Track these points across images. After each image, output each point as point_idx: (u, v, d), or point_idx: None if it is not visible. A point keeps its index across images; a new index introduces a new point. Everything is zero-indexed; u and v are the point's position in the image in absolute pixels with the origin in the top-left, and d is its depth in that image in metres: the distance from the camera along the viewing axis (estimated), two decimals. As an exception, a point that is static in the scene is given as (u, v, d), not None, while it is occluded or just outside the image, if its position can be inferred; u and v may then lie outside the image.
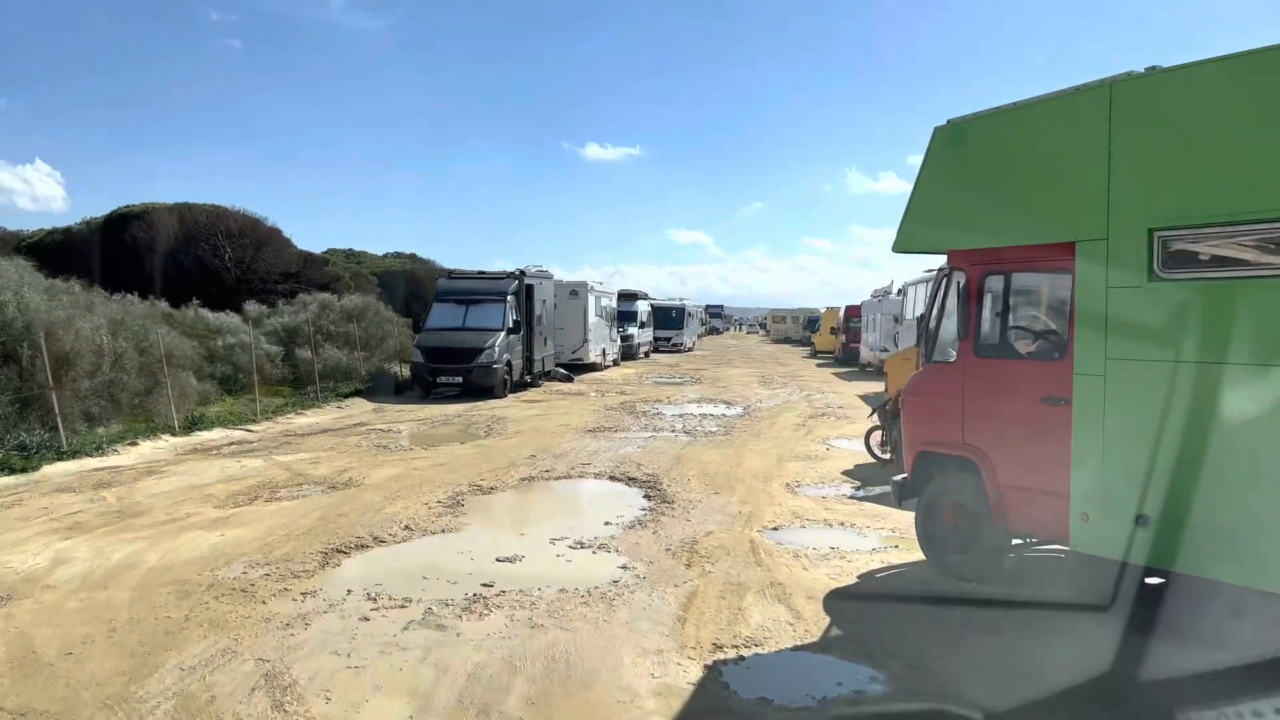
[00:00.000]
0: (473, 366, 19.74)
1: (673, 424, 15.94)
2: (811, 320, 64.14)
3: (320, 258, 38.67)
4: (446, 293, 21.67)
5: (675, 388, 24.45)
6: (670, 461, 11.68)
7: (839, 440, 14.09)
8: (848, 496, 9.58)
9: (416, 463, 11.48)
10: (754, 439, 14.06)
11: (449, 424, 15.92)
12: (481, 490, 9.77)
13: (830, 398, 21.70)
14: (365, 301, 26.40)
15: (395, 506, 8.82)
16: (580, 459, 11.88)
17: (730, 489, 9.85)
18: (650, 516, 8.54)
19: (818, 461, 11.85)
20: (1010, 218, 6.16)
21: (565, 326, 27.48)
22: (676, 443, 13.50)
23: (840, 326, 39.25)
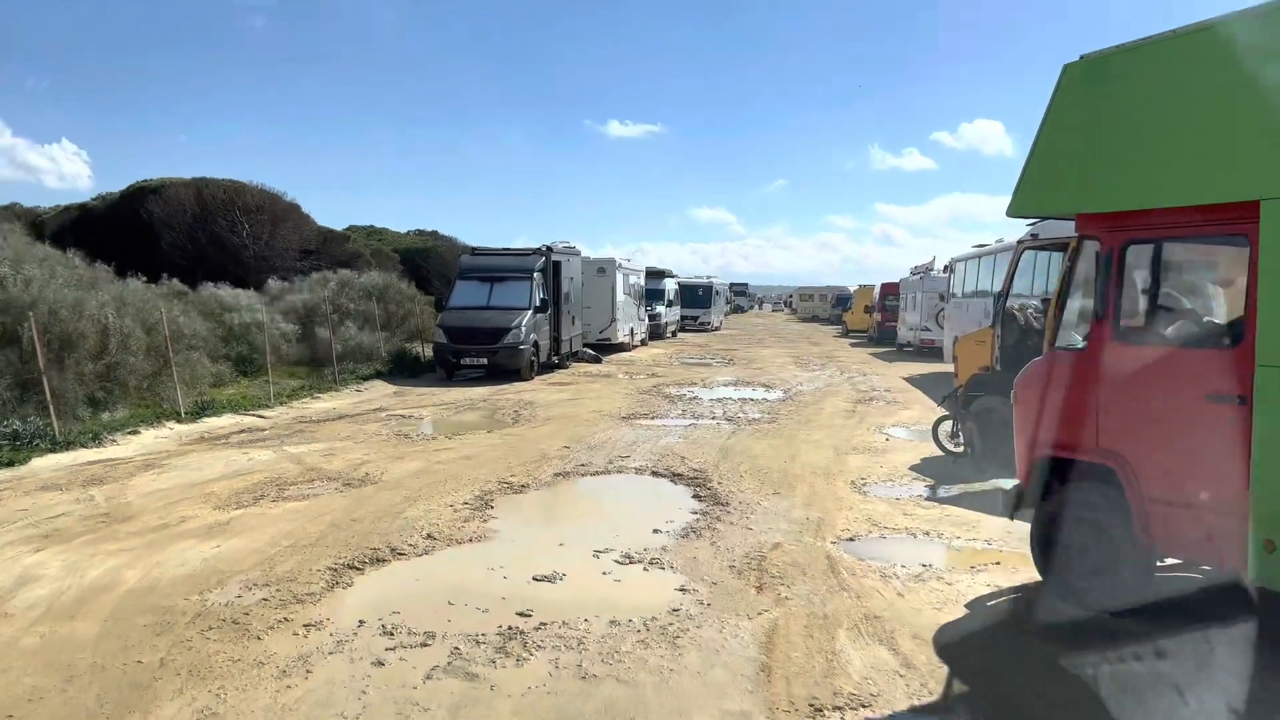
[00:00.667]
0: (498, 347, 18.73)
1: (712, 410, 14.87)
2: (841, 298, 62.78)
3: (340, 234, 37.78)
4: (470, 270, 20.65)
5: (708, 369, 23.36)
6: (716, 454, 10.62)
7: (895, 429, 12.96)
8: (924, 498, 8.48)
9: (440, 455, 10.48)
10: (803, 427, 12.97)
11: (474, 409, 14.93)
12: (512, 488, 8.75)
13: (874, 380, 20.53)
14: (386, 279, 25.44)
15: (416, 509, 7.82)
16: (618, 451, 10.84)
17: (790, 488, 8.78)
18: (704, 522, 7.49)
19: (880, 455, 10.74)
20: (1165, 172, 5.01)
21: (592, 305, 26.44)
22: (719, 432, 12.43)
23: (875, 305, 37.93)
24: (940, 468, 9.91)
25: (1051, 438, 5.66)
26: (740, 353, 29.76)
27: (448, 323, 19.27)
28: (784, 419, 13.86)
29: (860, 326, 43.00)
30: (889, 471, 9.70)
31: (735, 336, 41.40)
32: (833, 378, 21.20)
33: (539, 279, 20.19)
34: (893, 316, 34.80)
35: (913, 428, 13.13)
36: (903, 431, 12.76)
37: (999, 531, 7.21)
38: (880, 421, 13.65)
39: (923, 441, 11.70)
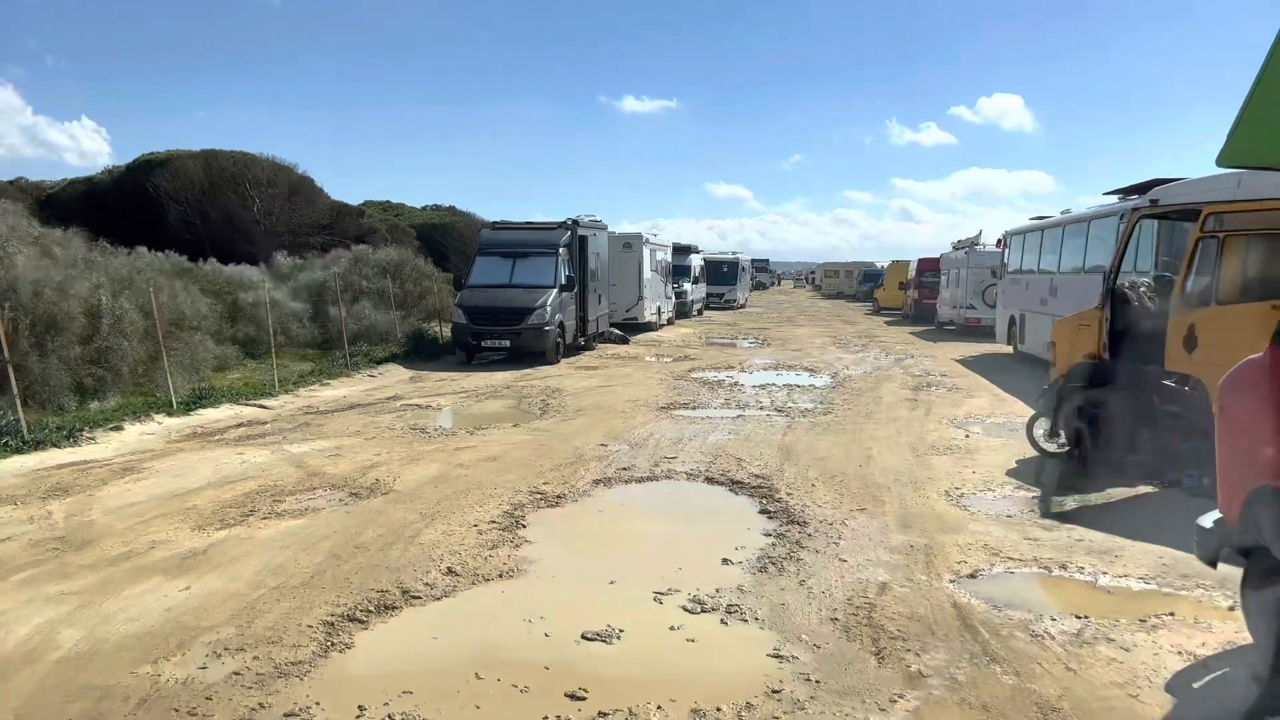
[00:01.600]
0: (522, 329, 17.40)
1: (758, 399, 13.49)
2: (869, 274, 61.06)
3: (355, 209, 36.51)
4: (491, 245, 19.28)
5: (744, 351, 21.95)
6: (777, 454, 9.26)
7: (969, 422, 11.54)
8: (1040, 515, 7.08)
9: (461, 455, 9.17)
10: (866, 420, 11.57)
11: (497, 397, 13.61)
12: (546, 500, 7.42)
13: (925, 363, 19.07)
14: (402, 255, 24.15)
15: (433, 531, 6.50)
16: (662, 449, 9.50)
17: (875, 501, 7.41)
18: (782, 549, 6.14)
19: (966, 456, 9.34)
20: None
21: (618, 283, 25.05)
22: (773, 426, 11.06)
23: (912, 281, 36.32)
24: (1041, 471, 8.50)
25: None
26: (773, 332, 28.32)
27: (467, 302, 17.93)
28: (841, 410, 12.46)
29: (894, 304, 41.42)
30: (984, 478, 8.30)
31: (763, 315, 39.92)
32: (879, 360, 19.75)
33: (564, 255, 18.81)
34: (931, 294, 33.22)
35: (988, 420, 11.71)
36: (978, 425, 11.34)
37: (1151, 564, 5.82)
38: (950, 413, 12.23)
39: (1009, 438, 10.30)
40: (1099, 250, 14.41)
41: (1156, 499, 7.56)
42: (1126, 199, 14.09)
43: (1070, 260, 15.89)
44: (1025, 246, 19.32)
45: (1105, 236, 14.12)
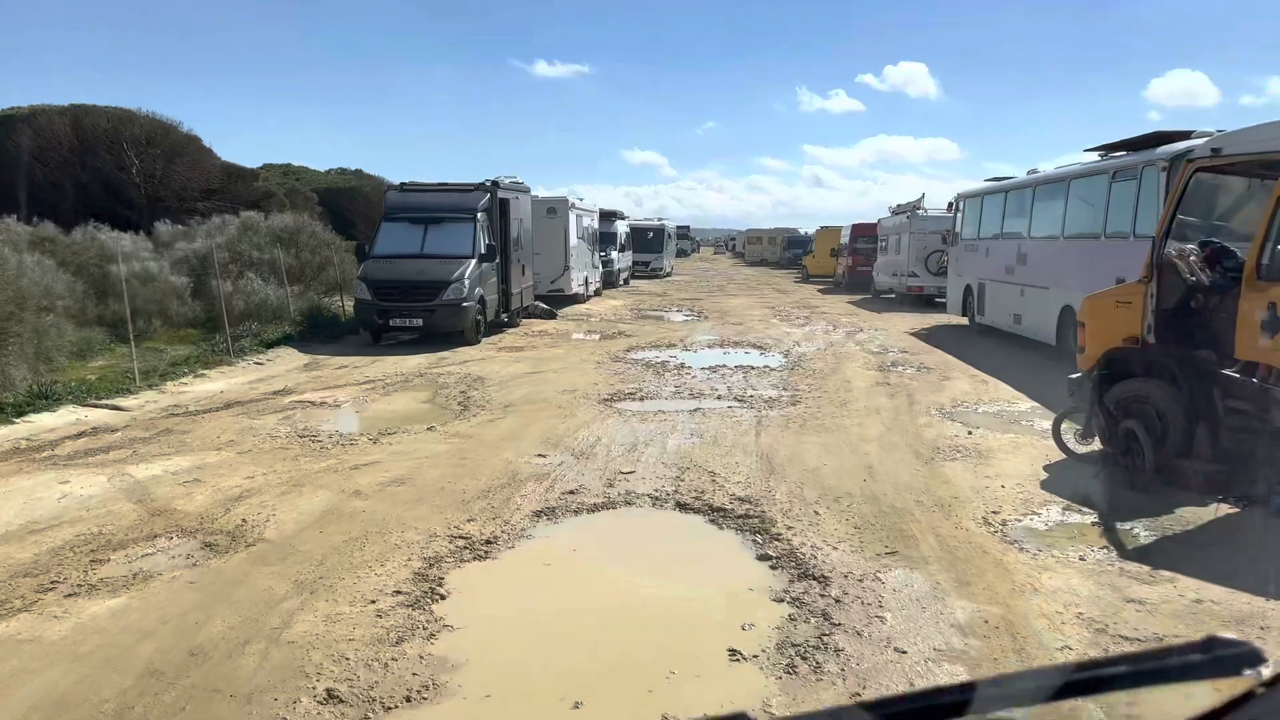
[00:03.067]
0: (436, 305, 15.27)
1: (712, 385, 11.74)
2: (793, 241, 59.99)
3: (248, 171, 33.40)
4: (398, 210, 17.00)
5: (682, 326, 20.20)
6: (757, 465, 7.52)
7: (963, 411, 10.01)
8: (1119, 555, 5.48)
9: (360, 477, 7.17)
10: (843, 412, 9.93)
11: (408, 389, 11.56)
12: (472, 548, 5.53)
13: (879, 337, 17.62)
14: (299, 221, 21.62)
15: (312, 614, 4.55)
16: (616, 460, 7.67)
17: (903, 537, 5.71)
18: (807, 625, 4.40)
19: (980, 461, 7.74)
20: None
21: (543, 251, 22.99)
22: (739, 423, 9.33)
23: (845, 248, 35.06)
24: (1082, 482, 6.95)
25: None
26: (707, 304, 26.64)
27: (372, 275, 15.69)
28: (809, 397, 10.81)
29: (824, 271, 40.21)
30: (1019, 495, 6.70)
31: (692, 284, 38.27)
32: (829, 334, 18.23)
33: (483, 221, 16.69)
34: (867, 261, 31.99)
35: (980, 409, 10.20)
36: (973, 416, 9.82)
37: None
38: (934, 400, 10.69)
39: (1016, 433, 8.79)
40: (1082, 213, 13.03)
41: (1243, 524, 6.06)
42: (1110, 157, 12.71)
43: (1044, 225, 14.51)
44: (984, 210, 17.95)
45: (1090, 198, 12.73)
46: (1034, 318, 14.50)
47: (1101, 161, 12.72)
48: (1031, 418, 9.70)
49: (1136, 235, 10.99)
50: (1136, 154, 11.40)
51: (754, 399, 10.71)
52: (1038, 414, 9.90)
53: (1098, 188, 12.40)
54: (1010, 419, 9.65)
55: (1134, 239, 11.05)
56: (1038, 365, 13.09)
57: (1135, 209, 11.06)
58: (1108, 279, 11.66)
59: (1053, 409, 10.09)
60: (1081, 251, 12.72)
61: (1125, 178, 11.52)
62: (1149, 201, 10.76)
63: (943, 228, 24.72)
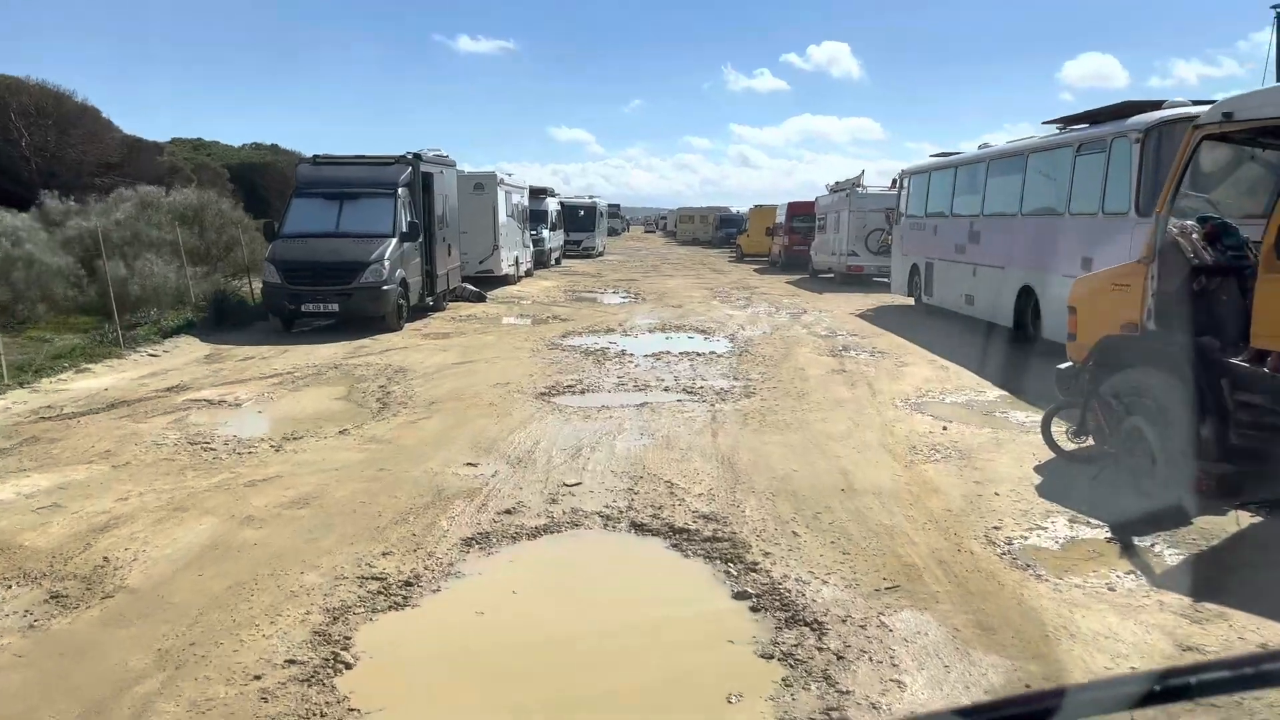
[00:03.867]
0: (354, 288, 14.02)
1: (657, 374, 10.83)
2: (725, 220, 59.38)
3: (151, 145, 31.25)
4: (311, 184, 15.62)
5: (619, 308, 19.23)
6: (719, 471, 6.63)
7: (926, 400, 9.28)
8: (1152, 584, 4.72)
9: (255, 497, 6.07)
10: (803, 405, 9.12)
11: (320, 383, 10.38)
12: (387, 593, 4.52)
13: (824, 319, 16.92)
14: (204, 198, 19.97)
15: (172, 703, 3.49)
16: (558, 469, 6.70)
17: (904, 567, 4.86)
18: (806, 694, 3.53)
19: (963, 462, 6.97)
20: None
21: (470, 230, 21.76)
22: (693, 420, 8.44)
23: (781, 227, 34.43)
24: (1081, 487, 6.22)
25: None
26: (643, 284, 25.70)
27: (282, 256, 14.34)
28: (763, 388, 9.97)
29: (759, 251, 39.55)
30: (1017, 505, 5.92)
31: (626, 264, 37.27)
32: (772, 317, 17.46)
33: (405, 196, 15.44)
34: (803, 240, 31.39)
35: (948, 399, 9.49)
36: (941, 407, 9.09)
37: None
38: (897, 389, 9.95)
39: (993, 427, 8.07)
40: (1042, 189, 12.42)
41: (1273, 538, 5.39)
42: (1070, 129, 12.11)
43: (999, 201, 13.90)
44: (931, 187, 17.34)
45: (1052, 172, 12.11)
46: (989, 299, 13.91)
47: (1063, 134, 12.10)
48: (1004, 408, 9.01)
49: (1106, 212, 10.37)
50: (1104, 125, 10.77)
51: (705, 390, 9.83)
52: (1008, 403, 9.23)
53: (1060, 162, 11.78)
54: (982, 410, 8.94)
55: (1103, 216, 10.44)
56: (996, 349, 12.48)
57: (1104, 184, 10.43)
58: (1072, 259, 11.07)
59: (1021, 396, 9.45)
60: (1042, 229, 12.11)
61: (1091, 150, 10.89)
62: (1119, 176, 10.13)
63: (883, 206, 24.19)
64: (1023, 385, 10.04)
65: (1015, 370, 10.88)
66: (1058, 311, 11.49)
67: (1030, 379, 10.35)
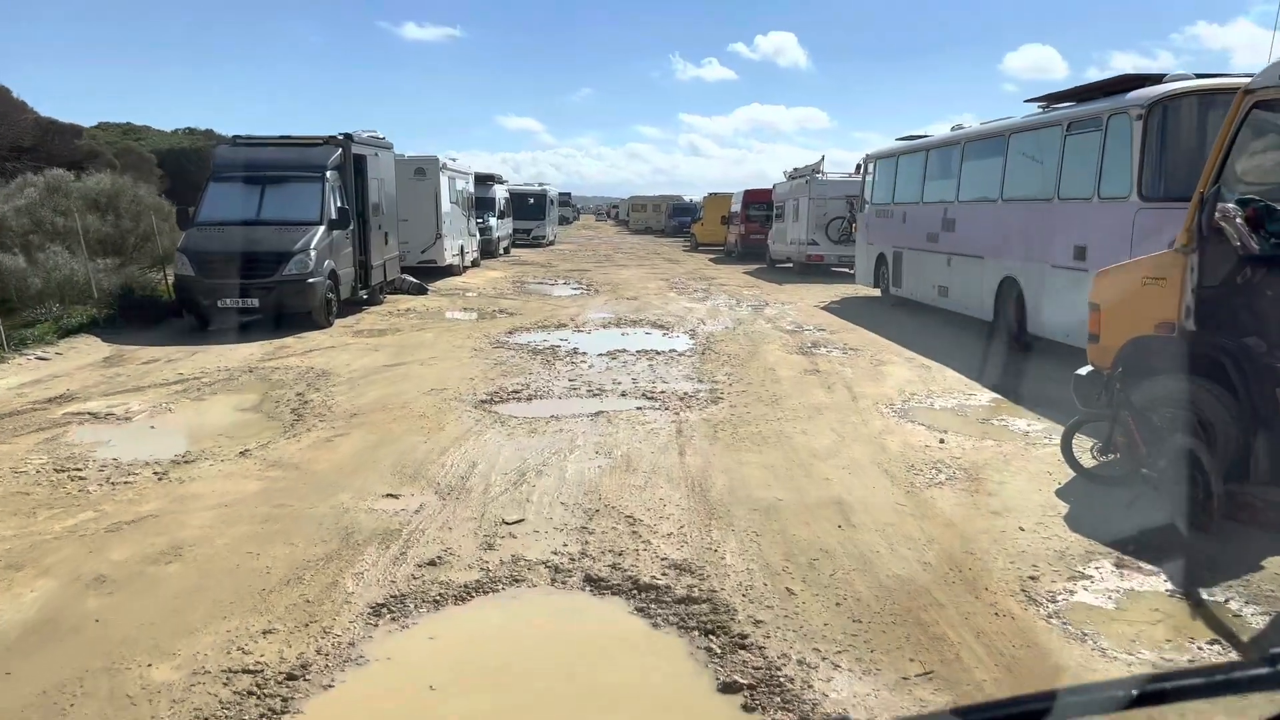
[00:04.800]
0: (276, 282, 12.69)
1: (614, 376, 9.75)
2: (679, 208, 58.36)
3: (69, 127, 29.22)
4: (230, 168, 14.21)
5: (571, 301, 18.07)
6: (690, 503, 5.57)
7: (912, 406, 8.32)
8: (1234, 651, 3.76)
9: (114, 550, 4.85)
10: (777, 411, 8.09)
11: (229, 391, 9.11)
12: (262, 696, 3.38)
13: (788, 312, 15.96)
14: (117, 183, 18.35)
15: None
16: (496, 501, 5.58)
17: (931, 641, 3.83)
18: None
19: (972, 485, 5.98)
20: None
21: (411, 218, 20.43)
22: (654, 431, 7.36)
23: (737, 216, 33.47)
24: (1117, 516, 5.27)
25: None
26: (596, 275, 24.56)
27: (196, 246, 12.94)
28: (731, 392, 8.94)
29: (714, 240, 38.59)
30: (1050, 544, 4.94)
31: (578, 253, 36.05)
32: (734, 310, 16.45)
33: (334, 181, 14.12)
34: (760, 229, 30.49)
35: (937, 404, 8.54)
36: (931, 414, 8.13)
37: None
38: (878, 393, 8.97)
39: (994, 438, 7.11)
40: (1026, 173, 11.54)
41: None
42: (1056, 107, 11.24)
43: (976, 186, 13.01)
44: (899, 172, 16.43)
45: (1037, 154, 11.22)
46: (965, 290, 13.03)
47: (1049, 112, 11.22)
48: (1000, 414, 8.08)
49: (1102, 196, 9.49)
50: (1098, 101, 9.89)
51: (667, 396, 8.76)
52: (1004, 409, 8.30)
53: (1046, 142, 10.89)
54: (977, 417, 8.00)
55: (1098, 200, 9.55)
56: (977, 344, 11.60)
57: (1099, 165, 9.55)
58: (1063, 247, 10.19)
59: (1016, 400, 8.54)
60: (1026, 216, 11.23)
61: (1084, 129, 10.01)
62: (1118, 156, 9.25)
63: (844, 193, 23.35)
64: (1015, 386, 9.14)
65: (1003, 369, 9.99)
66: (1044, 305, 10.64)
67: (1022, 379, 9.46)
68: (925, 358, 10.97)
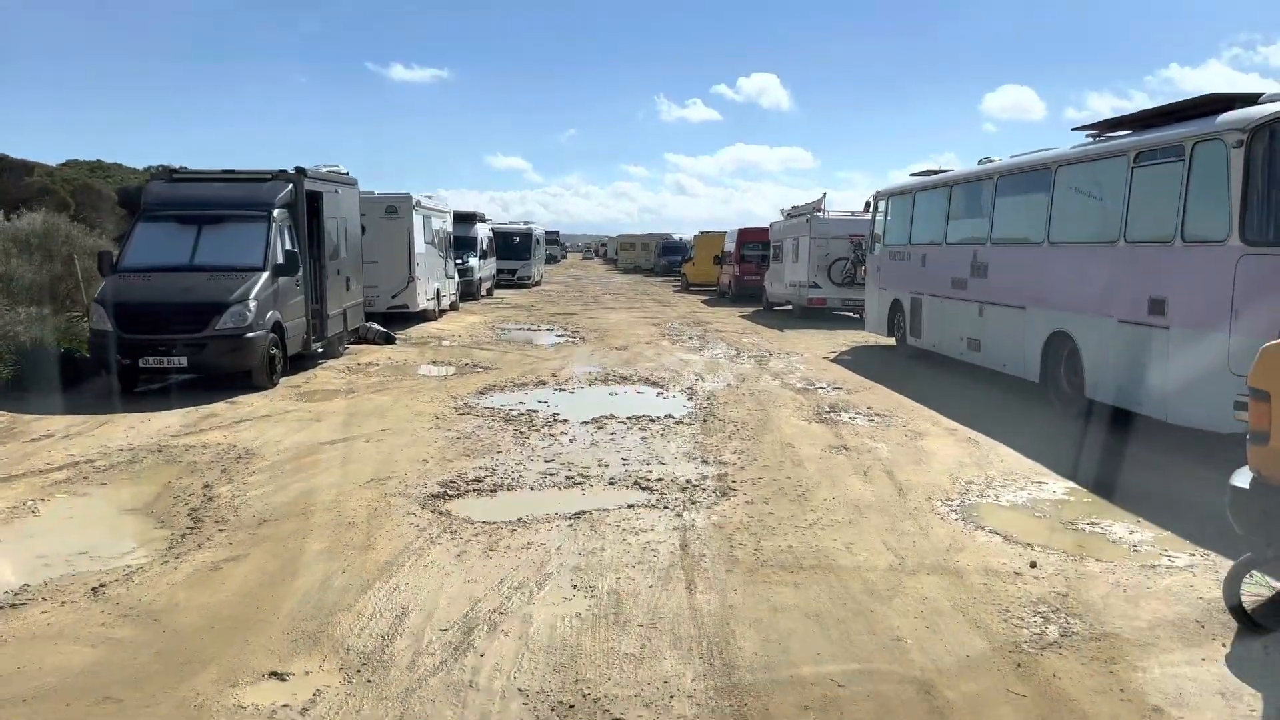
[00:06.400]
0: (208, 337, 10.91)
1: (600, 457, 8.03)
2: (669, 247, 57.09)
3: (20, 164, 27.54)
4: (164, 205, 12.48)
5: (553, 351, 16.35)
6: (708, 684, 3.83)
7: (971, 500, 6.60)
8: None
9: None
10: (807, 513, 6.37)
11: (123, 479, 7.31)
12: None
13: (795, 366, 14.30)
14: (49, 223, 16.59)
15: None
16: (427, 684, 3.82)
17: None
18: None
19: (1105, 648, 4.25)
20: None
21: (381, 259, 18.84)
22: (651, 548, 5.62)
23: (730, 255, 31.95)
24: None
25: None
26: (583, 319, 22.89)
27: (117, 295, 11.16)
28: (746, 481, 7.22)
29: (706, 280, 37.10)
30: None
31: (564, 295, 34.43)
32: (734, 362, 14.78)
33: (283, 220, 12.43)
34: (756, 269, 28.96)
35: (1004, 497, 6.83)
36: (1009, 514, 6.42)
37: None
38: (929, 482, 7.25)
39: (1102, 555, 5.38)
40: (1081, 210, 9.96)
41: None
42: (1110, 136, 9.71)
43: (1014, 226, 11.44)
44: (916, 210, 14.88)
45: (1094, 189, 9.66)
46: (1001, 345, 11.39)
47: (1106, 142, 9.66)
48: (1090, 515, 6.37)
49: (1187, 239, 7.88)
50: (1178, 127, 8.31)
51: (665, 485, 7.04)
52: (1089, 506, 6.61)
53: (1107, 176, 9.31)
54: (1061, 519, 6.30)
55: (1181, 244, 7.94)
56: (1024, 410, 9.95)
57: (1182, 201, 7.95)
58: (1133, 299, 8.58)
59: (1103, 493, 6.84)
60: (1081, 261, 9.64)
61: (1159, 159, 8.43)
62: (1209, 189, 7.67)
63: (848, 232, 21.91)
64: (1092, 471, 7.45)
65: (1070, 446, 8.31)
66: (1109, 366, 9.00)
67: (1098, 461, 7.76)
68: (969, 428, 9.29)
